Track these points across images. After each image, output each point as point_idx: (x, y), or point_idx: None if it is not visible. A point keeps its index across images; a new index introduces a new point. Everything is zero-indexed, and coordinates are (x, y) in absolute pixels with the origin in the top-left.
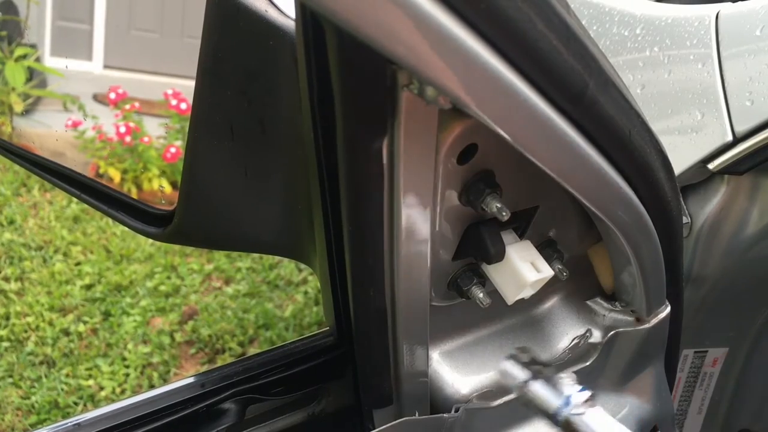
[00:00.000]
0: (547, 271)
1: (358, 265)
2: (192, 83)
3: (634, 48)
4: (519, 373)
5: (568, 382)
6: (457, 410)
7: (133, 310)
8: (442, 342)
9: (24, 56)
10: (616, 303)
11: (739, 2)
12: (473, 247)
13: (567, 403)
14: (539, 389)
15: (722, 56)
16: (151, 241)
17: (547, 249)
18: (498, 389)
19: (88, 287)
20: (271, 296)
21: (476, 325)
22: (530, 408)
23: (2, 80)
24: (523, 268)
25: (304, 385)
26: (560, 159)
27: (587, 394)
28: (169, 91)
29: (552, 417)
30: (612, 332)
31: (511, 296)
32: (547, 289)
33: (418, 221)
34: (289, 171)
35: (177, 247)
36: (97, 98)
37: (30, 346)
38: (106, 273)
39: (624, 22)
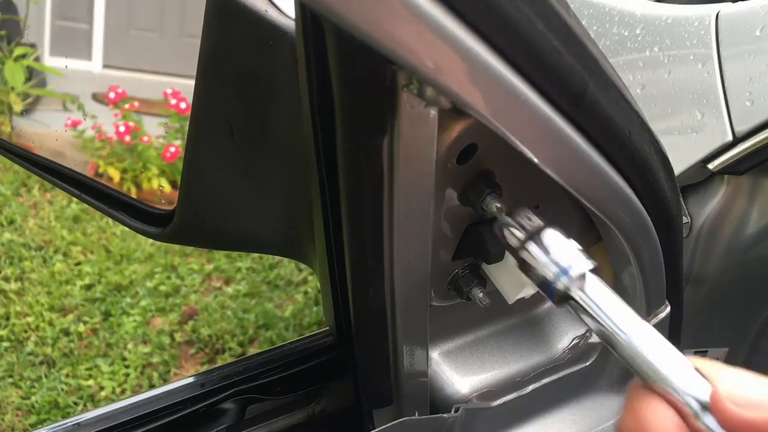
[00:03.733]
0: None
1: (358, 265)
2: (192, 83)
3: (634, 48)
4: (517, 233)
5: (572, 249)
6: (457, 410)
7: (133, 310)
8: (442, 342)
9: (23, 56)
10: None
11: (739, 2)
12: (473, 247)
13: (565, 272)
14: (537, 253)
15: (722, 56)
16: (151, 241)
17: None
18: (498, 389)
19: (88, 287)
20: (271, 296)
21: (476, 325)
22: (528, 274)
23: (2, 80)
24: None
25: (304, 385)
26: (560, 159)
27: (591, 264)
28: (169, 91)
29: (547, 287)
30: None
31: (512, 295)
32: None
33: (417, 221)
34: (289, 171)
35: (177, 247)
36: (96, 97)
37: (30, 346)
38: (106, 273)
39: (624, 22)
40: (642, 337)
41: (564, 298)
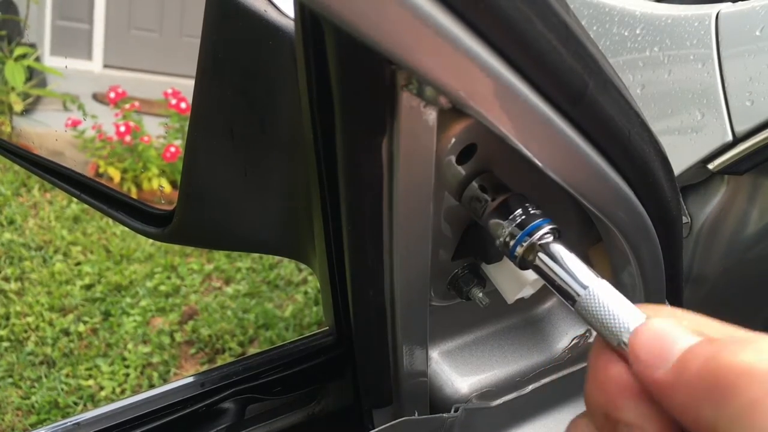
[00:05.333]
0: None
1: (358, 265)
2: (192, 83)
3: (634, 48)
4: (483, 197)
5: (532, 210)
6: (456, 410)
7: (133, 310)
8: (442, 342)
9: (24, 56)
10: None
11: (739, 2)
12: (472, 247)
13: (527, 233)
14: (498, 217)
15: (722, 56)
16: (151, 241)
17: None
18: (498, 389)
19: (88, 287)
20: (271, 296)
21: (476, 325)
22: (492, 234)
23: (2, 80)
24: None
25: (304, 385)
26: (559, 159)
27: (550, 225)
28: (169, 90)
29: (509, 248)
30: None
31: (511, 295)
32: (547, 288)
33: (417, 221)
34: (289, 171)
35: (177, 247)
36: (96, 97)
37: (30, 346)
38: (106, 273)
39: (624, 22)
40: (599, 293)
41: (525, 259)
